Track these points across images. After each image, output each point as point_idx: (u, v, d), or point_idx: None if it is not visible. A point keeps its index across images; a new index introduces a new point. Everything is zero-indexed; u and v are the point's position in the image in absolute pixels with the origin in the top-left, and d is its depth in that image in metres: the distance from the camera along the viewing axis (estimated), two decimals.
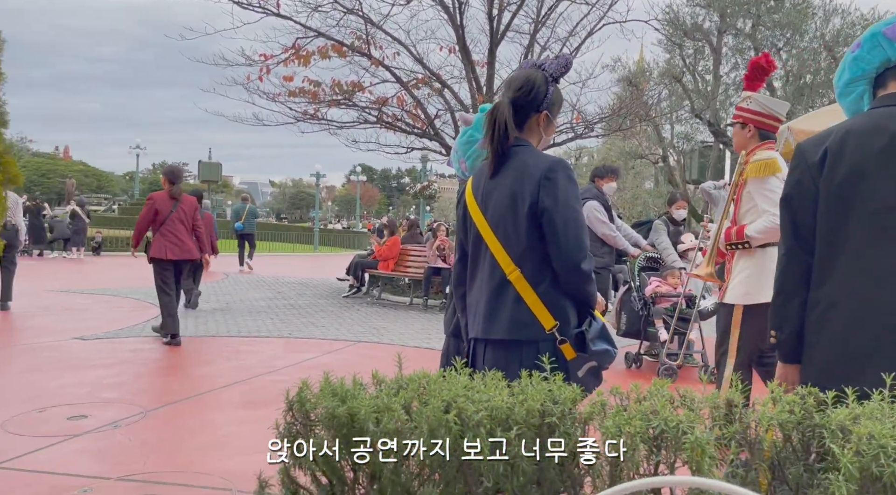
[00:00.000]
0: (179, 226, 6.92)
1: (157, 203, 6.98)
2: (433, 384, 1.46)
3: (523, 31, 10.93)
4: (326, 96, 10.95)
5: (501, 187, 2.16)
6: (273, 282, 13.91)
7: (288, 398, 1.52)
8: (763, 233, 3.39)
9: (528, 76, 2.20)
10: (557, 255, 2.08)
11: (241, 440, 3.99)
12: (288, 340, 7.33)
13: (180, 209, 6.98)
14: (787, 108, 3.76)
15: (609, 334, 2.21)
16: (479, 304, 2.20)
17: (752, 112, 3.55)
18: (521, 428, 1.34)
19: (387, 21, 10.64)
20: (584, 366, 2.14)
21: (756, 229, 3.41)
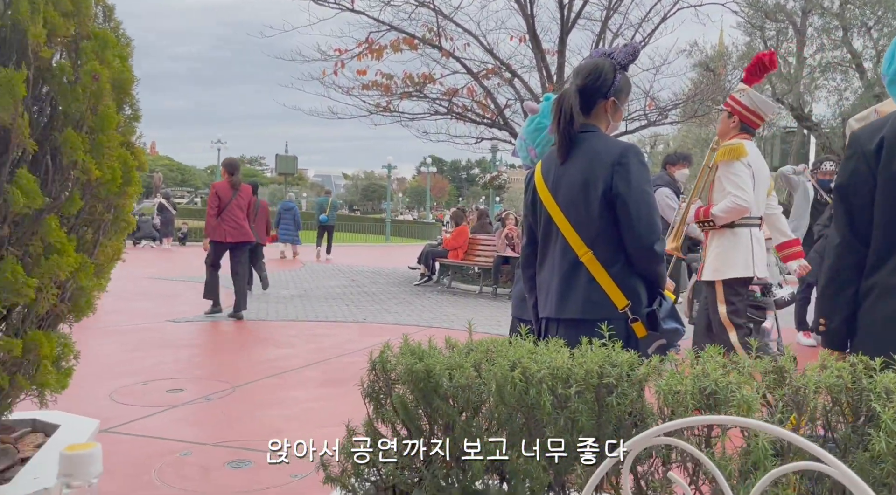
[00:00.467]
0: (238, 212, 7.74)
1: (219, 191, 7.77)
2: (500, 347, 1.60)
3: (594, 18, 10.84)
4: (398, 89, 11.23)
5: (572, 172, 2.23)
6: (348, 270, 14.38)
7: (371, 359, 1.71)
8: (726, 212, 3.72)
9: (596, 64, 2.29)
10: (631, 238, 2.15)
11: (320, 414, 4.28)
12: (362, 325, 7.65)
13: (239, 197, 7.78)
14: (774, 109, 4.04)
15: (678, 313, 2.29)
16: (551, 285, 2.29)
17: (742, 105, 3.82)
18: (580, 386, 1.47)
19: (457, 13, 10.78)
20: (655, 344, 2.24)
21: (720, 209, 3.73)
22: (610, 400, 1.50)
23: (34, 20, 1.25)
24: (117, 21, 1.52)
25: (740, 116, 3.82)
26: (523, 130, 3.10)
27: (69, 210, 1.36)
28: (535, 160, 3.07)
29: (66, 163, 1.33)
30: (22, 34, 1.25)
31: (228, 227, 7.71)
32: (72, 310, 1.48)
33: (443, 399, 1.54)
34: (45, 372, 1.38)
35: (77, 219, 1.43)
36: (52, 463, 1.41)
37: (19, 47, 1.27)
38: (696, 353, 1.54)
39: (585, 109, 2.27)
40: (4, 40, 1.28)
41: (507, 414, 1.53)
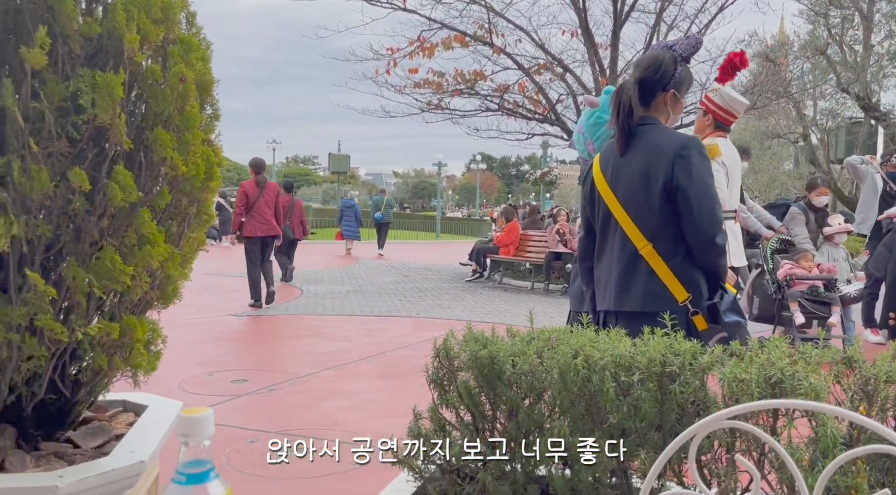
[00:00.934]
0: (266, 208, 8.28)
1: (247, 189, 8.33)
2: (562, 335, 1.64)
3: (649, 11, 10.66)
4: (449, 86, 11.29)
5: (632, 165, 2.23)
6: (400, 267, 14.55)
7: (435, 347, 1.77)
8: None
9: (656, 56, 2.28)
10: (692, 230, 2.14)
11: (378, 405, 4.38)
12: (416, 320, 7.75)
13: (266, 194, 8.33)
14: (745, 107, 4.28)
15: (739, 307, 2.27)
16: (610, 278, 2.29)
17: (716, 104, 4.08)
18: (643, 374, 1.49)
19: (509, 9, 10.77)
20: (715, 337, 2.23)
21: None
22: (673, 388, 1.52)
23: (129, 27, 1.35)
24: (198, 26, 1.62)
25: (714, 115, 4.07)
26: (582, 124, 3.09)
27: (159, 204, 1.46)
28: (594, 154, 3.07)
29: (156, 159, 1.43)
30: (118, 41, 1.36)
31: (258, 223, 8.23)
32: (160, 298, 1.58)
33: (506, 385, 1.58)
34: (138, 354, 1.48)
35: (164, 213, 1.54)
36: (145, 438, 1.52)
37: (115, 53, 1.38)
38: (760, 343, 1.54)
39: (645, 102, 2.26)
40: (102, 47, 1.39)
41: (569, 401, 1.56)
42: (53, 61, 1.30)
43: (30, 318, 1.30)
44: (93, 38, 1.35)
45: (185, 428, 0.72)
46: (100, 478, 1.32)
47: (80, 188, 1.31)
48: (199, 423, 0.72)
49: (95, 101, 1.31)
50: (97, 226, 1.38)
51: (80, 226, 1.38)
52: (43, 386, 1.43)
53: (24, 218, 1.28)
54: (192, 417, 0.72)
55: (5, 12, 1.31)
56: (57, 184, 1.32)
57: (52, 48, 1.27)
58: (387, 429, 1.92)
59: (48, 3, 1.29)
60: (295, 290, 10.02)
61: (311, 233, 15.16)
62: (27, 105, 1.26)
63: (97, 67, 1.37)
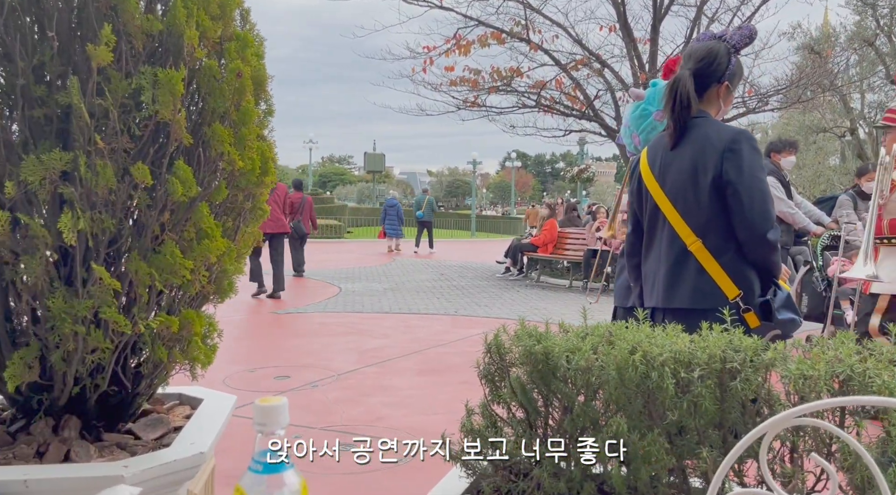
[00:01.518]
0: (274, 206, 8.71)
1: None
2: (618, 331, 1.61)
3: (689, 4, 10.46)
4: (486, 83, 11.26)
5: (681, 159, 2.18)
6: (436, 264, 14.57)
7: (486, 342, 1.75)
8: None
9: (710, 48, 2.22)
10: (743, 226, 2.09)
11: (419, 401, 4.39)
12: (454, 317, 7.75)
13: (274, 193, 8.91)
14: None
15: (794, 304, 2.21)
16: (658, 274, 2.24)
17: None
18: (703, 370, 1.45)
19: (546, 5, 10.69)
20: (769, 335, 2.17)
21: None
22: (734, 385, 1.48)
23: (189, 24, 1.36)
24: (252, 23, 1.63)
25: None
26: (628, 117, 3.05)
27: (216, 198, 1.48)
28: (639, 147, 3.02)
29: (214, 154, 1.45)
30: (178, 37, 1.38)
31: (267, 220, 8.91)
32: (216, 292, 1.60)
33: (561, 381, 1.56)
34: (196, 347, 1.51)
35: (221, 208, 1.55)
36: (202, 431, 1.54)
37: (175, 49, 1.40)
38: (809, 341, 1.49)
39: (698, 94, 2.22)
40: (162, 44, 1.41)
41: (625, 398, 1.53)
42: (117, 58, 1.32)
43: (94, 311, 1.33)
44: (154, 35, 1.37)
45: (261, 417, 0.73)
46: (163, 469, 1.34)
47: (143, 183, 1.34)
48: (276, 412, 0.72)
49: (157, 98, 1.33)
50: (158, 221, 1.40)
51: (141, 221, 1.40)
52: (106, 378, 1.46)
53: (90, 213, 1.30)
54: (268, 406, 0.72)
55: (70, 10, 1.34)
56: (120, 179, 1.34)
57: (115, 45, 1.30)
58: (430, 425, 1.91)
59: (111, 1, 1.32)
60: (333, 288, 10.12)
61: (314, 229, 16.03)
62: (93, 102, 1.29)
63: (158, 64, 1.39)
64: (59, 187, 1.28)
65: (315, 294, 9.58)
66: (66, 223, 1.24)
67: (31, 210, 1.33)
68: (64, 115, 1.34)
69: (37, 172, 1.24)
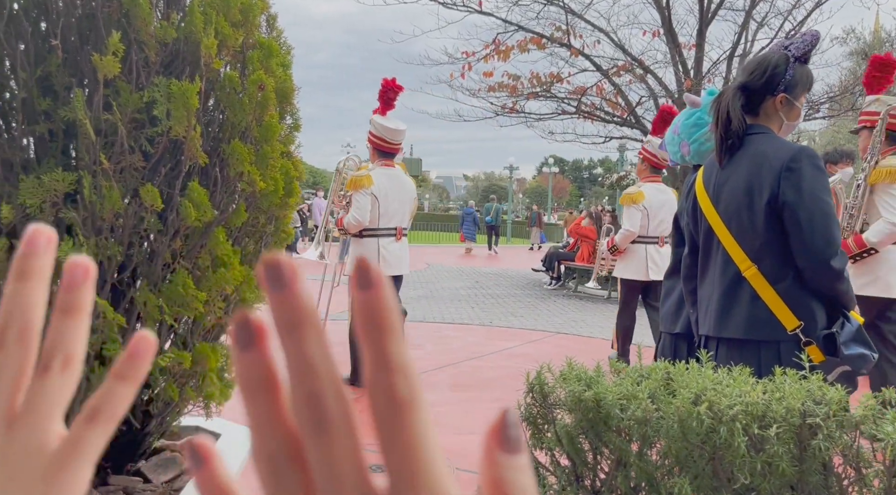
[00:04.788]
0: None
1: None
2: (678, 375, 1.43)
3: (737, 8, 10.11)
4: (525, 89, 11.06)
5: (735, 178, 2.05)
6: (471, 271, 14.41)
7: (528, 381, 1.59)
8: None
9: (764, 58, 2.10)
10: (802, 252, 1.93)
11: (453, 419, 4.22)
12: (489, 328, 7.57)
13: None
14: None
15: (866, 337, 2.00)
16: (711, 300, 2.12)
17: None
18: (781, 427, 1.26)
19: (588, 10, 10.46)
20: (836, 371, 1.98)
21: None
22: (815, 443, 1.29)
23: (207, 31, 1.24)
24: (279, 29, 1.50)
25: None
26: (679, 124, 2.87)
27: (235, 222, 1.35)
28: (687, 157, 2.90)
29: (233, 174, 1.32)
30: (195, 46, 1.25)
31: None
32: None
33: (614, 432, 1.39)
34: (211, 383, 1.38)
35: (240, 231, 1.42)
36: None
37: (192, 59, 1.27)
38: None
39: (751, 108, 2.08)
40: (178, 53, 1.28)
41: (687, 453, 1.36)
42: (127, 69, 1.20)
43: (99, 347, 1.21)
44: (168, 44, 1.25)
45: None
46: None
47: (153, 206, 1.21)
48: None
49: (170, 112, 1.20)
50: (169, 247, 1.28)
51: (151, 247, 1.28)
52: None
53: (94, 239, 1.18)
54: None
55: (79, 17, 1.22)
56: (129, 202, 1.22)
57: (125, 55, 1.17)
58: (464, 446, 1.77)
59: (123, 7, 1.19)
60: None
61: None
62: (99, 117, 1.17)
63: (173, 75, 1.27)
64: (62, 211, 1.16)
65: (347, 300, 9.52)
66: (65, 251, 1.11)
67: None
68: (70, 131, 1.22)
69: (37, 195, 1.12)
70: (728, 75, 9.91)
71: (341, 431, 0.23)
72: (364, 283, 0.23)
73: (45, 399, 0.28)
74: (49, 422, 0.29)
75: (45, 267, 0.28)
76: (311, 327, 0.23)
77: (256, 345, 0.24)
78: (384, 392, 0.23)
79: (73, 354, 0.29)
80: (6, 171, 1.16)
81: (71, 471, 0.28)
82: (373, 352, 0.23)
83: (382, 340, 0.23)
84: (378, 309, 0.23)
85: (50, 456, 0.28)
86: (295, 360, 0.23)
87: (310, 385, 0.23)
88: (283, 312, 0.23)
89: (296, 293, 0.23)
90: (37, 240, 0.28)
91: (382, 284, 0.23)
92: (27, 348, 0.28)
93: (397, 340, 0.23)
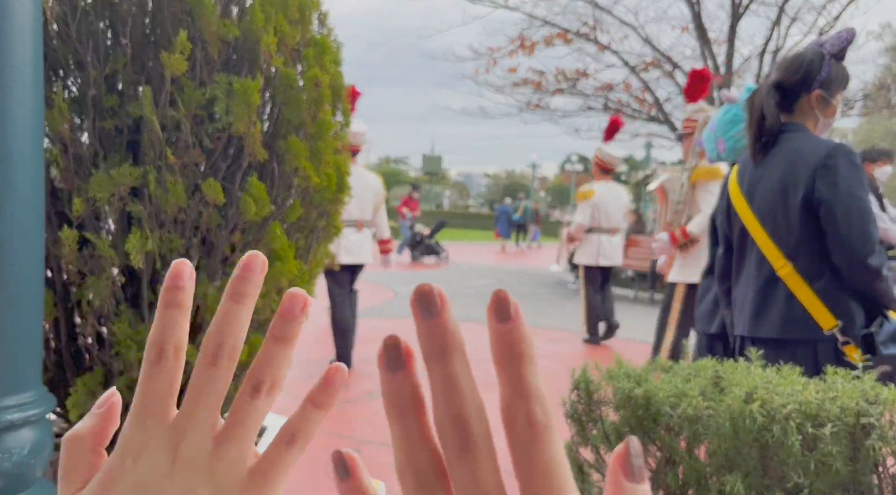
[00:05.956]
0: None
1: None
2: (728, 373, 1.42)
3: (769, 3, 9.96)
4: (550, 85, 11.02)
5: (769, 176, 2.04)
6: (494, 269, 14.41)
7: (574, 377, 1.59)
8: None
9: (798, 55, 2.09)
10: (838, 251, 1.91)
11: None
12: None
13: None
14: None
15: None
16: (746, 300, 2.11)
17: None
18: (835, 426, 1.26)
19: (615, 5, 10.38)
20: (875, 371, 1.96)
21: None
22: (869, 443, 1.28)
23: (266, 29, 1.26)
24: (330, 27, 1.52)
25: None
26: (716, 120, 2.87)
27: (291, 217, 1.37)
28: (723, 154, 2.90)
29: (289, 170, 1.35)
30: (254, 43, 1.27)
31: None
32: None
33: (664, 429, 1.39)
34: None
35: (294, 226, 1.45)
36: None
37: (251, 56, 1.29)
38: None
39: (786, 106, 2.07)
40: (238, 50, 1.31)
41: (736, 452, 1.35)
42: (191, 66, 1.23)
43: None
44: (229, 42, 1.27)
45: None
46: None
47: (214, 201, 1.23)
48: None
49: (230, 109, 1.23)
50: (228, 241, 1.31)
51: (210, 240, 1.31)
52: None
53: (159, 232, 1.21)
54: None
55: (144, 15, 1.25)
56: (191, 196, 1.24)
57: (190, 53, 1.20)
58: None
59: (187, 5, 1.22)
60: (389, 292, 10.08)
61: None
62: (165, 113, 1.20)
63: (233, 72, 1.29)
64: (128, 205, 1.19)
65: (372, 297, 9.56)
66: (133, 244, 1.15)
67: (99, 228, 1.25)
68: (134, 126, 1.25)
69: (106, 188, 1.15)
70: (760, 72, 9.77)
71: (484, 451, 0.25)
72: (503, 316, 0.26)
73: (252, 419, 0.30)
74: (251, 442, 0.31)
75: (255, 290, 0.30)
76: (458, 353, 0.25)
77: (405, 368, 0.26)
78: (523, 417, 0.25)
79: (278, 380, 0.31)
80: (77, 166, 1.19)
81: (270, 488, 0.30)
82: (511, 379, 0.25)
83: (520, 369, 0.25)
84: (515, 340, 0.25)
85: (251, 473, 0.30)
86: (442, 383, 0.25)
87: (456, 407, 0.25)
88: (433, 339, 0.25)
89: (445, 320, 0.25)
90: (253, 266, 0.30)
91: (520, 317, 0.25)
92: (233, 367, 0.31)
93: (533, 369, 0.25)
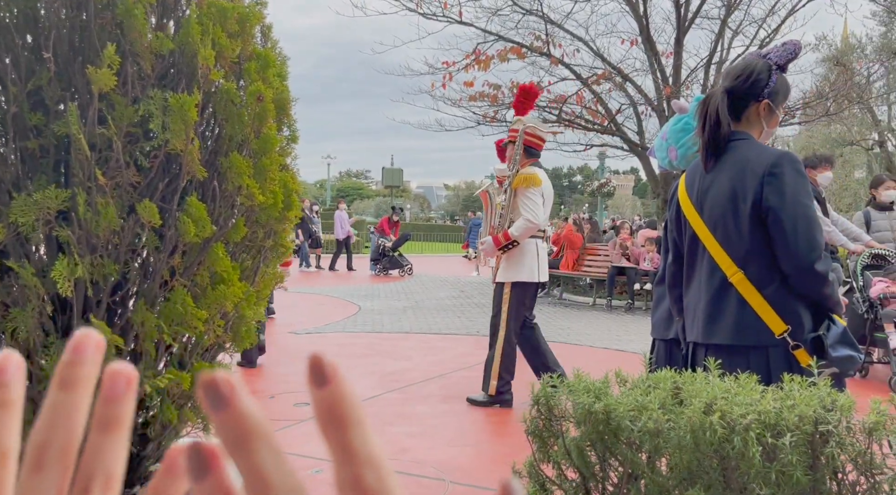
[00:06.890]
0: None
1: None
2: (687, 384, 1.41)
3: (713, 17, 10.26)
4: (506, 98, 11.10)
5: (719, 184, 2.06)
6: (455, 281, 14.39)
7: (533, 392, 1.56)
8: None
9: (748, 64, 2.11)
10: (786, 257, 1.94)
11: (445, 431, 4.18)
12: (477, 338, 7.53)
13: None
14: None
15: (852, 339, 2.02)
16: (698, 307, 2.12)
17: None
18: (794, 435, 1.25)
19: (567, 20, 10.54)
20: (824, 374, 1.99)
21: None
22: (829, 451, 1.28)
23: (204, 42, 1.20)
24: (274, 40, 1.47)
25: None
26: (667, 129, 2.91)
27: (234, 237, 1.31)
28: (675, 162, 2.93)
29: (231, 188, 1.29)
30: (191, 57, 1.22)
31: None
32: (233, 340, 1.43)
33: (625, 444, 1.36)
34: None
35: (239, 247, 1.38)
36: None
37: (188, 71, 1.23)
38: None
39: (735, 114, 2.09)
40: (174, 64, 1.25)
41: (697, 463, 1.34)
42: (122, 82, 1.16)
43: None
44: (164, 56, 1.21)
45: None
46: None
47: (150, 223, 1.17)
48: None
49: (167, 125, 1.16)
50: (168, 264, 1.24)
51: (149, 265, 1.24)
52: None
53: (90, 257, 1.14)
54: None
55: (71, 29, 1.18)
56: (125, 218, 1.17)
57: (120, 67, 1.13)
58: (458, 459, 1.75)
59: (117, 17, 1.15)
60: (352, 306, 9.96)
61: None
62: (94, 131, 1.13)
63: (168, 88, 1.23)
64: (55, 229, 1.12)
65: (334, 313, 9.44)
66: (60, 271, 1.07)
67: (24, 255, 1.16)
68: (63, 146, 1.18)
69: (29, 213, 1.07)
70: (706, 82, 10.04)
71: None
72: (320, 381, 0.24)
73: None
74: None
75: (91, 375, 0.26)
76: (260, 439, 0.24)
77: (211, 473, 0.24)
78: (352, 486, 0.24)
79: (114, 474, 0.27)
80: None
81: None
82: (335, 446, 0.24)
83: (344, 434, 0.24)
84: (335, 403, 0.24)
85: None
86: (248, 476, 0.24)
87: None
88: (229, 430, 0.24)
89: (237, 409, 0.24)
90: (84, 347, 0.25)
91: (338, 378, 0.24)
92: (66, 468, 0.26)
93: (359, 431, 0.24)
